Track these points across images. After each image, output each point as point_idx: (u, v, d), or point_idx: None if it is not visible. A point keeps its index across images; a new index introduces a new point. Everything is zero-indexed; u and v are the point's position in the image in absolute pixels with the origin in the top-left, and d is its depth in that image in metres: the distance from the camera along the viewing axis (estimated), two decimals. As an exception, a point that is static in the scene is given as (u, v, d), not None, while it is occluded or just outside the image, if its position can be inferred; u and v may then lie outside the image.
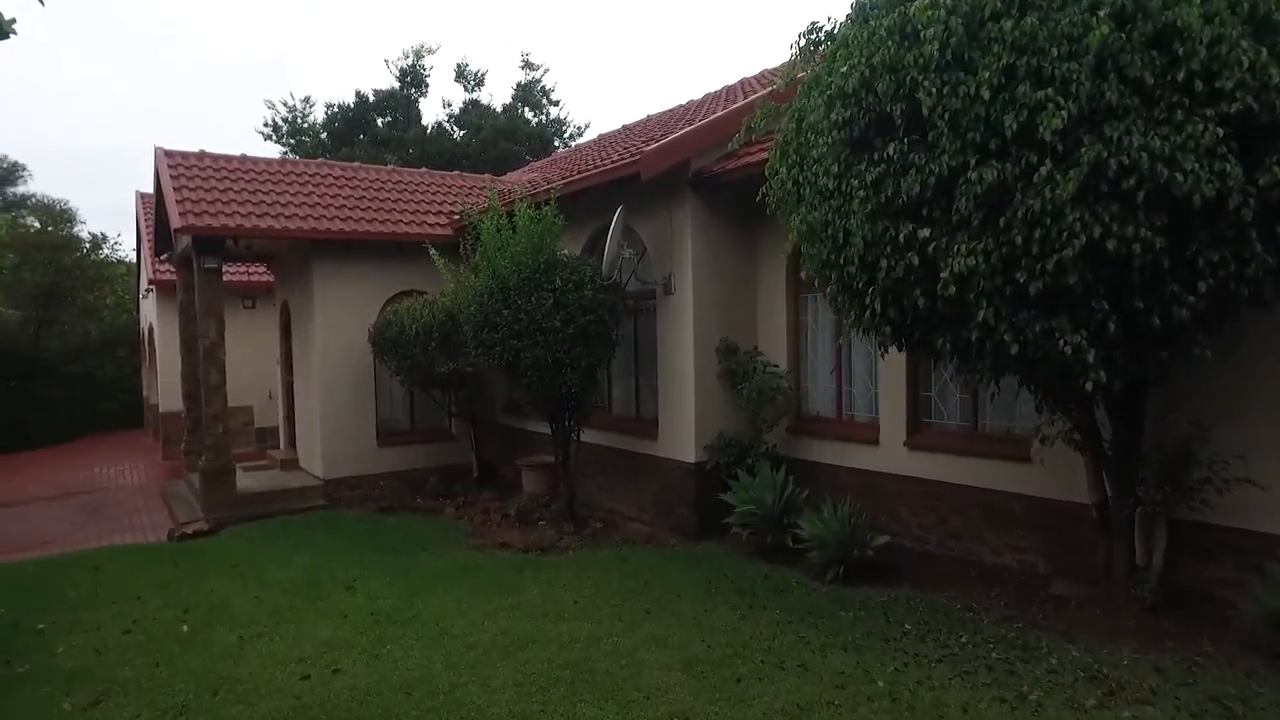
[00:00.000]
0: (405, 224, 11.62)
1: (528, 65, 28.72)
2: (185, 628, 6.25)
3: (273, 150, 28.07)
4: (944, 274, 4.33)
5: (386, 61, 33.78)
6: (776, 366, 8.70)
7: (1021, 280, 4.15)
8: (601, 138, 16.46)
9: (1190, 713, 4.22)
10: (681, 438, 8.79)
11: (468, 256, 9.26)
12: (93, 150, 56.84)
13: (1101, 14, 3.94)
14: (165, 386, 16.74)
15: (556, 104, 29.09)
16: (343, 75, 53.77)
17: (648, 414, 9.58)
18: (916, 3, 4.38)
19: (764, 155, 8.15)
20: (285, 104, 28.29)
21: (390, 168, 13.67)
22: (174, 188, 10.67)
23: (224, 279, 11.47)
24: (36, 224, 27.83)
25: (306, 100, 28.34)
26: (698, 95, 13.86)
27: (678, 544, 8.35)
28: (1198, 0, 3.89)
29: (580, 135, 28.59)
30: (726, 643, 5.41)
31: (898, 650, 5.17)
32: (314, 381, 11.28)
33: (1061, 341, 4.13)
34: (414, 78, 27.64)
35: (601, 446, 9.86)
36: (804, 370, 8.86)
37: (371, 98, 27.27)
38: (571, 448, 9.12)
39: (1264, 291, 4.34)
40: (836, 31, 5.40)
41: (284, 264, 12.87)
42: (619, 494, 9.82)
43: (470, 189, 13.30)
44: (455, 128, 28.12)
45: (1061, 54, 3.97)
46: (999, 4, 4.15)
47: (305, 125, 28.32)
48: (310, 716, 4.69)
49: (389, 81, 32.79)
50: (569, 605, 6.36)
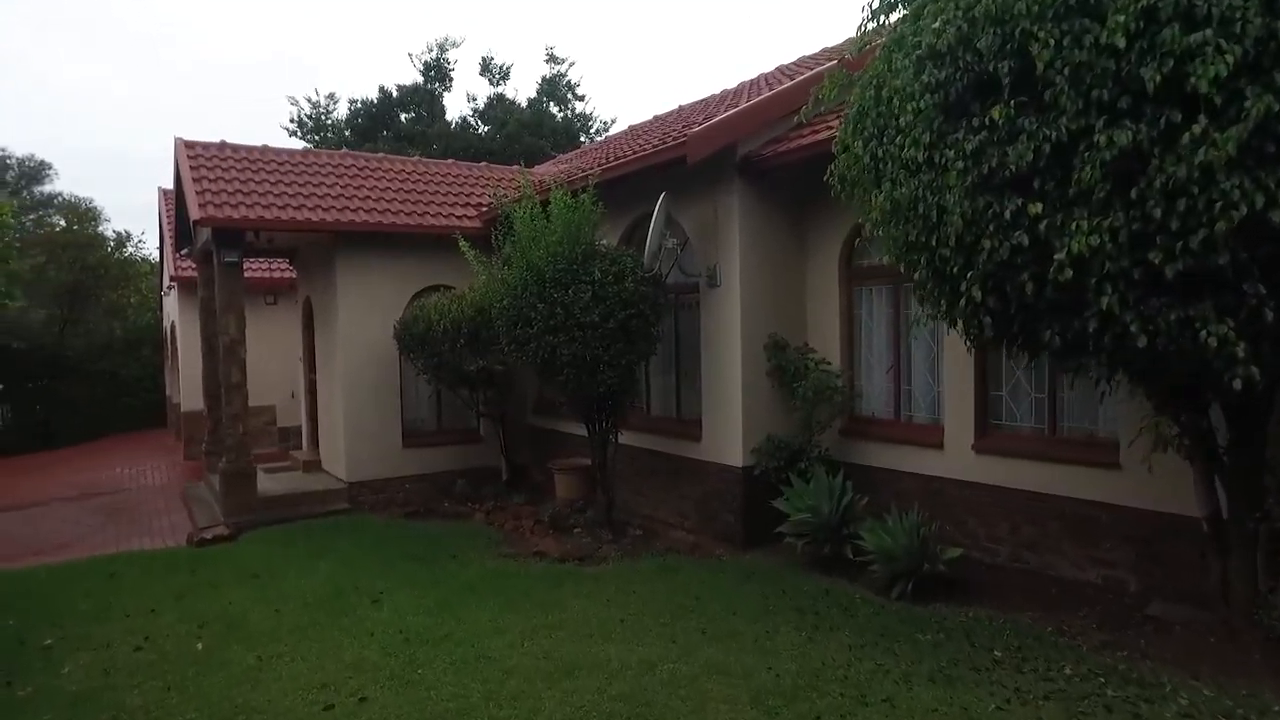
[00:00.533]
0: (432, 216, 11.14)
1: (552, 59, 28.27)
2: (200, 645, 5.78)
3: (296, 147, 27.79)
4: (1058, 255, 3.74)
5: (410, 55, 33.49)
6: (829, 364, 8.14)
7: (1156, 261, 3.55)
8: (632, 128, 15.94)
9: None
10: (727, 440, 8.23)
11: (498, 248, 8.76)
12: (125, 153, 57.07)
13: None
14: (187, 385, 16.41)
15: (582, 99, 28.62)
16: (366, 71, 53.69)
17: (689, 415, 9.03)
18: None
19: (819, 137, 7.61)
20: (309, 100, 28.06)
21: (416, 159, 13.22)
22: (193, 179, 10.26)
23: (245, 275, 11.07)
24: (62, 223, 27.77)
25: (330, 97, 28.07)
26: (731, 85, 13.29)
27: (724, 554, 7.80)
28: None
29: (607, 130, 28.08)
30: (796, 671, 4.85)
31: (993, 683, 4.58)
32: (337, 380, 10.83)
33: (1204, 332, 3.53)
34: (438, 72, 27.23)
35: (639, 449, 9.32)
36: (857, 368, 8.28)
37: (395, 93, 26.90)
38: (609, 450, 8.58)
39: None
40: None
41: (306, 259, 12.45)
42: (658, 499, 9.28)
43: (498, 180, 12.78)
44: (479, 123, 27.70)
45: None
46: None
47: (329, 122, 28.02)
48: (335, 754, 4.20)
49: (412, 76, 32.51)
50: (614, 624, 5.82)
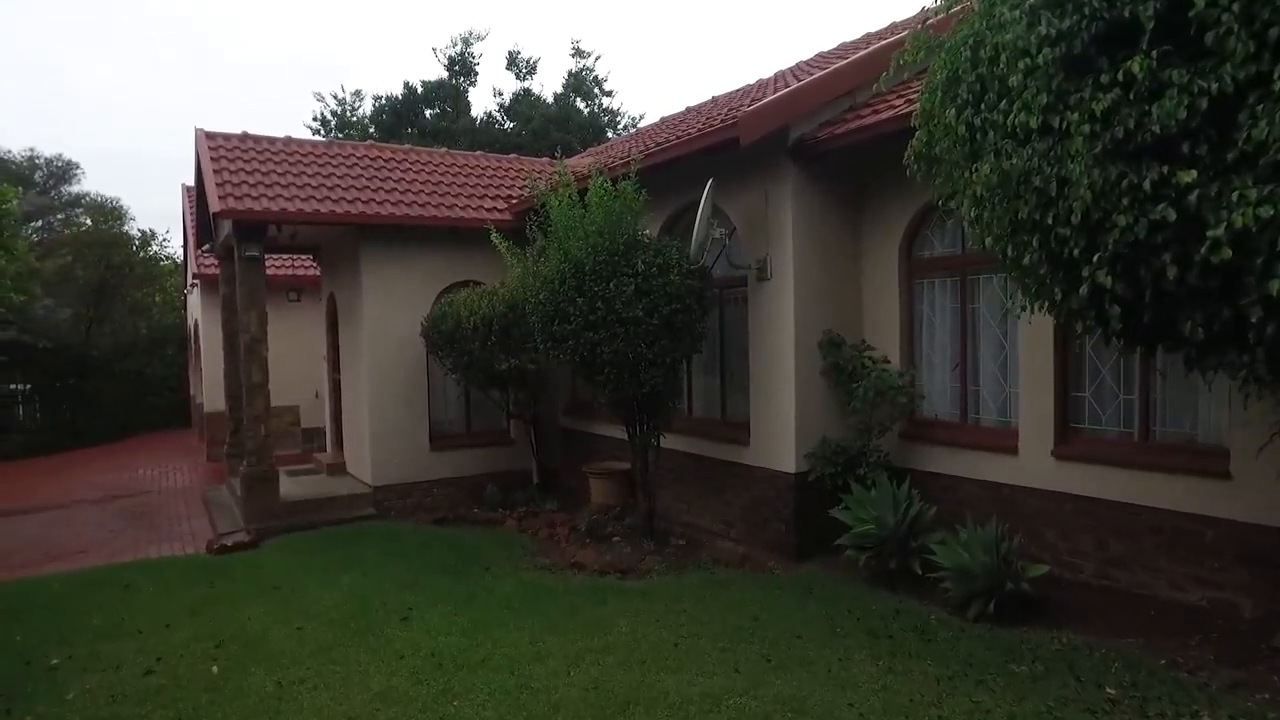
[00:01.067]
0: (460, 209, 10.66)
1: (579, 53, 27.78)
2: (215, 668, 5.31)
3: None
4: (1214, 232, 3.16)
5: (434, 50, 33.06)
6: (888, 362, 7.55)
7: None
8: (664, 119, 15.41)
9: None
10: (778, 444, 7.67)
11: (533, 240, 8.25)
12: (153, 155, 57.26)
13: None
14: (209, 385, 16.11)
15: (609, 93, 28.12)
16: (391, 68, 53.47)
17: (735, 417, 8.47)
18: None
19: (880, 116, 7.02)
20: (335, 97, 27.77)
21: (443, 150, 12.75)
22: (214, 170, 9.85)
23: (268, 272, 10.68)
24: (89, 222, 27.70)
25: (356, 94, 27.78)
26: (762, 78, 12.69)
27: (776, 567, 7.24)
28: None
29: (635, 125, 27.55)
30: (882, 709, 4.28)
31: (1115, 729, 4.01)
32: (362, 380, 10.38)
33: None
34: (463, 66, 26.82)
35: (680, 453, 8.76)
36: (918, 366, 7.68)
37: (419, 89, 26.54)
38: (651, 455, 8.05)
39: None
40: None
41: (330, 254, 12.03)
42: (701, 507, 8.72)
43: (528, 172, 12.28)
44: (505, 118, 27.27)
45: None
46: None
47: (353, 119, 27.73)
48: (362, 803, 3.69)
49: (437, 72, 32.13)
50: (668, 648, 5.28)
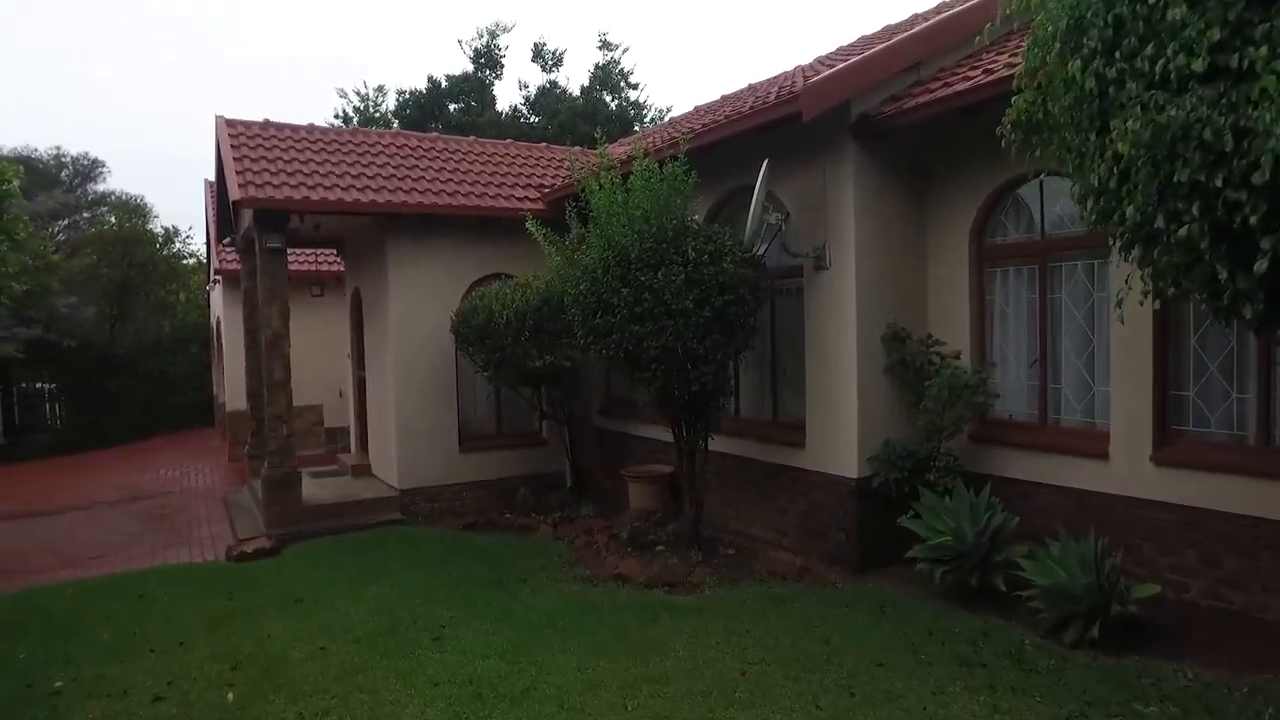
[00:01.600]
0: (490, 198, 10.15)
1: (605, 45, 27.22)
2: (231, 695, 4.80)
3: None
4: None
5: (460, 42, 32.62)
6: (958, 357, 6.94)
7: None
8: (698, 108, 14.81)
9: None
10: (838, 447, 7.07)
11: (574, 227, 7.70)
12: (176, 157, 57.41)
13: None
14: (231, 383, 15.71)
15: (635, 87, 27.54)
16: (415, 64, 53.22)
17: (788, 417, 7.88)
18: None
19: (954, 89, 6.38)
20: (358, 93, 27.40)
21: (472, 139, 12.25)
22: (234, 158, 9.39)
23: (291, 267, 10.23)
24: (113, 220, 27.56)
25: (379, 89, 27.39)
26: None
27: (837, 580, 6.64)
28: None
29: (662, 118, 26.95)
30: (996, 761, 3.70)
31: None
32: (388, 378, 9.89)
33: None
34: (488, 59, 26.33)
35: (727, 455, 8.17)
36: (990, 362, 7.06)
37: (444, 83, 26.10)
38: (699, 458, 7.48)
39: None
40: None
41: (355, 247, 11.56)
42: (750, 513, 8.14)
43: (560, 161, 11.78)
44: (530, 112, 26.78)
45: None
46: None
47: (376, 115, 27.35)
48: None
49: (462, 65, 31.72)
50: (734, 678, 4.71)
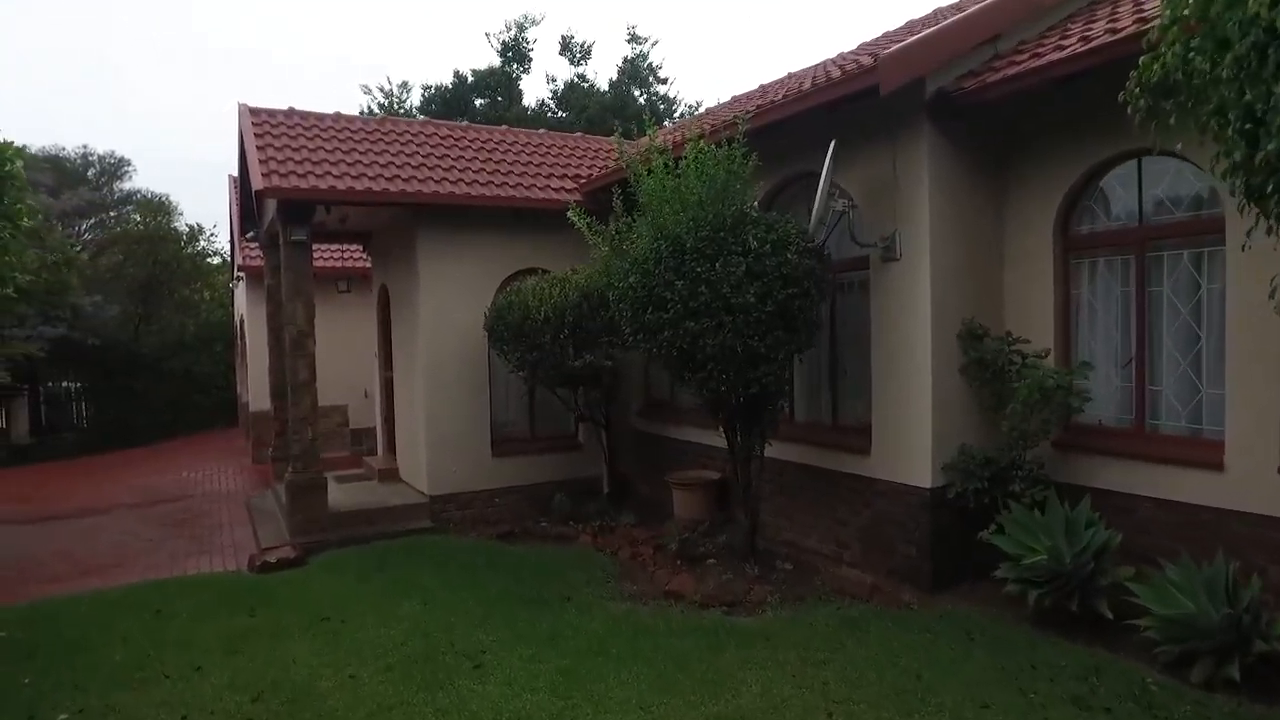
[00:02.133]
0: (525, 188, 9.63)
1: (634, 38, 26.70)
2: (252, 733, 4.32)
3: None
4: None
5: (487, 35, 32.23)
6: (1043, 356, 6.31)
7: None
8: (736, 98, 14.25)
9: None
10: (909, 454, 6.47)
11: (612, 221, 7.17)
12: (203, 161, 57.45)
13: None
14: (255, 383, 15.34)
15: (664, 81, 26.97)
16: (439, 61, 52.77)
17: (850, 421, 7.29)
18: None
19: (1044, 59, 5.78)
20: (382, 89, 27.07)
21: (504, 128, 11.74)
22: (257, 146, 8.94)
23: (316, 264, 9.76)
24: (138, 218, 27.41)
25: (403, 85, 27.03)
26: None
27: (912, 600, 6.05)
28: None
29: (692, 114, 26.39)
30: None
31: None
32: (417, 378, 9.40)
33: None
34: (516, 52, 25.88)
35: (780, 461, 7.59)
36: (1075, 361, 6.43)
37: (470, 78, 25.67)
38: (754, 465, 6.91)
39: None
40: None
41: (383, 241, 11.10)
42: (806, 524, 7.56)
43: (597, 151, 11.26)
44: (558, 107, 26.30)
45: None
46: None
47: (401, 112, 27.00)
48: None
49: (489, 58, 31.33)
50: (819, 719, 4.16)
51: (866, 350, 6.94)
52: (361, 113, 27.40)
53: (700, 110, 26.38)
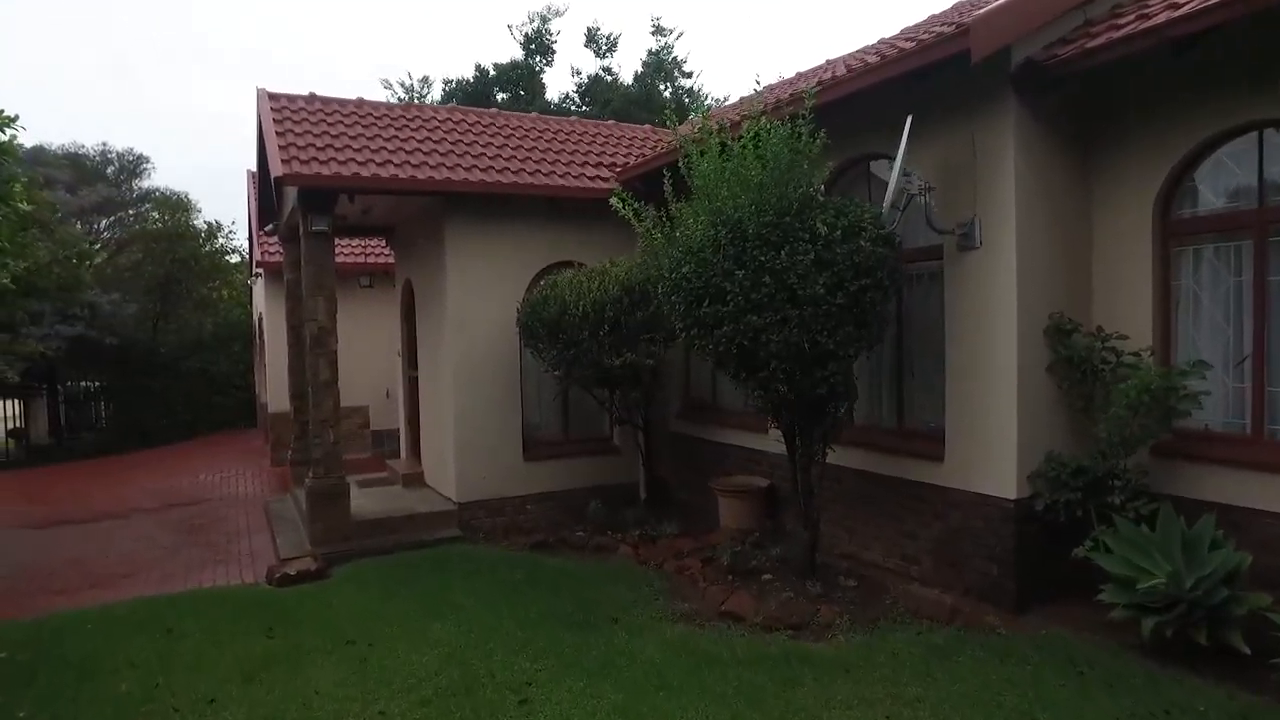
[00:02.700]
0: (559, 176, 9.08)
1: (659, 31, 26.09)
2: (272, 784, 3.78)
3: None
4: None
5: (509, 28, 31.78)
6: (1138, 354, 5.68)
7: None
8: (769, 87, 13.64)
9: None
10: (989, 461, 5.86)
11: (671, 201, 6.59)
12: (223, 166, 57.35)
13: None
14: (274, 383, 14.90)
15: (689, 75, 26.36)
16: (462, 54, 52.31)
17: (919, 424, 6.68)
18: None
19: (1152, 22, 5.19)
20: (403, 84, 26.62)
21: (535, 115, 11.21)
22: (277, 132, 8.44)
23: (337, 259, 9.25)
24: (156, 215, 27.13)
25: (424, 80, 26.58)
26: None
27: (999, 623, 5.43)
28: None
29: (720, 105, 25.80)
30: None
31: None
32: (445, 378, 8.87)
33: None
34: (539, 44, 25.36)
35: (839, 468, 6.96)
36: (1176, 359, 5.80)
37: (492, 71, 25.17)
38: (815, 472, 6.32)
39: None
40: None
41: (406, 234, 10.58)
42: (868, 536, 6.96)
43: (632, 139, 10.71)
44: (582, 101, 25.74)
45: None
46: None
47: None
48: None
49: (512, 51, 30.87)
50: (928, 779, 3.57)
51: (936, 347, 6.33)
52: (382, 106, 27.03)
53: (725, 103, 25.80)
